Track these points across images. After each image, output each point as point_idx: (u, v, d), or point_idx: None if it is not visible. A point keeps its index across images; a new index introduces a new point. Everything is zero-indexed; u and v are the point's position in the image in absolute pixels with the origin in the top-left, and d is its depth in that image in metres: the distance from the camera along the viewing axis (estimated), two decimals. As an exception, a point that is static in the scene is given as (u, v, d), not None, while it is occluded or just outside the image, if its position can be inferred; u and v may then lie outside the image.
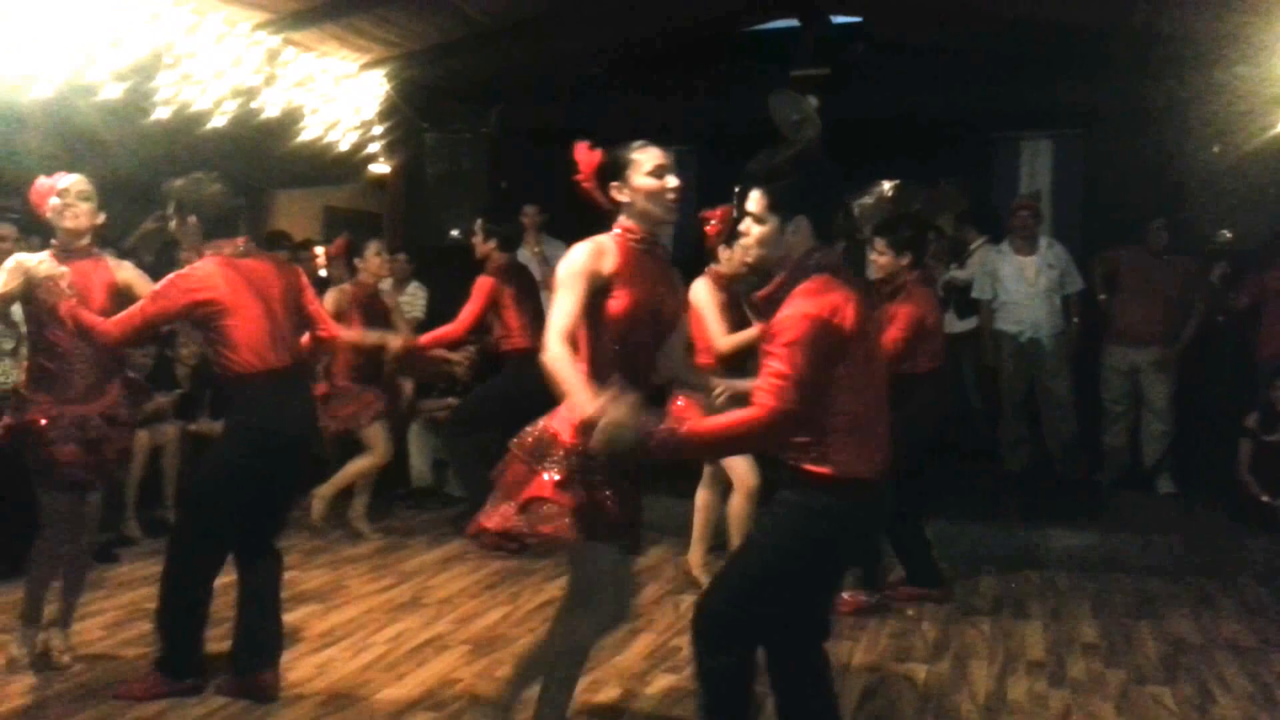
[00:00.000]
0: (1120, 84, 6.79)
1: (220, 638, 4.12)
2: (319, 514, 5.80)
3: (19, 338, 4.84)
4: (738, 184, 2.68)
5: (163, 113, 5.14)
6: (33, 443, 3.64)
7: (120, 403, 3.76)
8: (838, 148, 6.94)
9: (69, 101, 4.81)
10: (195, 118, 5.35)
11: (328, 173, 7.39)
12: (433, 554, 5.54)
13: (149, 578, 4.98)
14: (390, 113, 6.95)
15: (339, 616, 4.45)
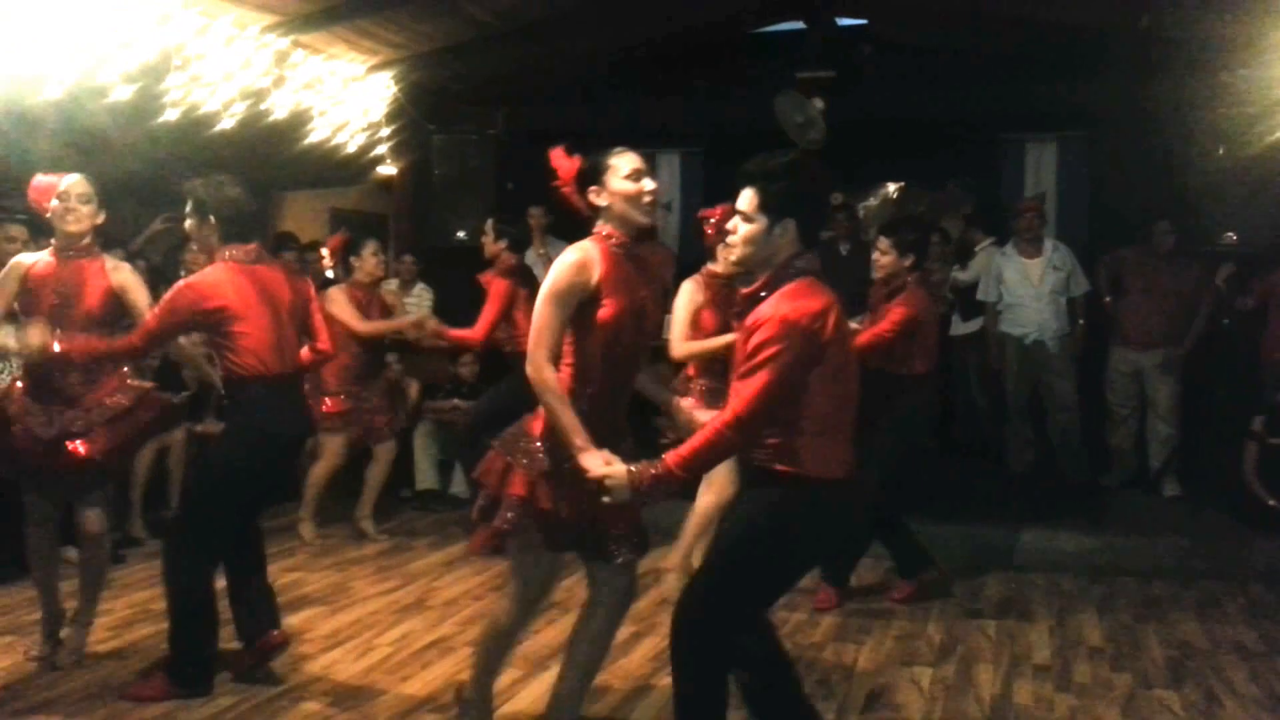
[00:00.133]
0: (1125, 86, 6.80)
1: (228, 637, 4.14)
2: (372, 530, 5.85)
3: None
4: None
5: (172, 114, 5.15)
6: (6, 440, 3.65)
7: (109, 401, 3.69)
8: (843, 149, 6.96)
9: (79, 103, 4.82)
10: (204, 119, 5.36)
11: (335, 174, 7.40)
12: (438, 556, 5.55)
13: (155, 578, 4.98)
14: (397, 115, 6.97)
15: (344, 618, 4.45)
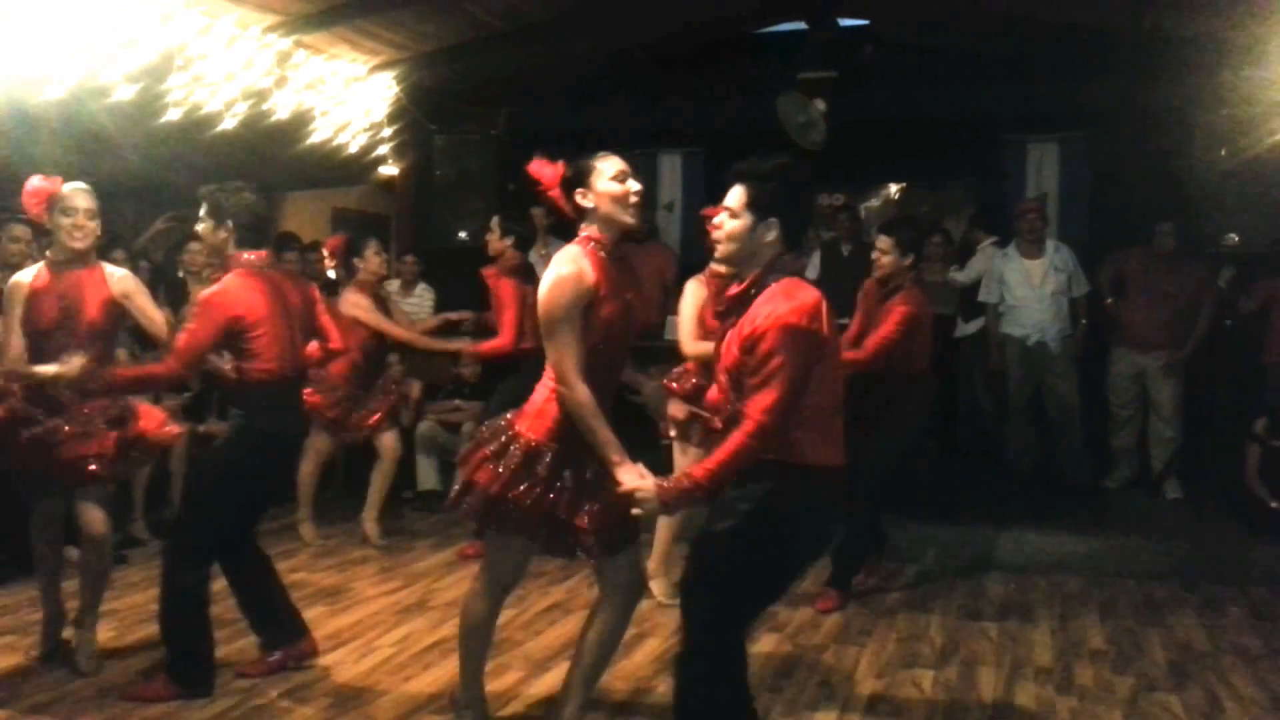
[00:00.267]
0: (1127, 87, 6.80)
1: (225, 640, 4.14)
2: (375, 535, 5.76)
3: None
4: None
5: (174, 114, 5.15)
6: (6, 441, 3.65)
7: (103, 414, 3.69)
8: (845, 150, 6.97)
9: (81, 103, 4.82)
10: (206, 120, 5.36)
11: (337, 175, 7.41)
12: (440, 556, 5.55)
13: (157, 578, 4.98)
14: (399, 115, 6.97)
15: (346, 619, 4.45)
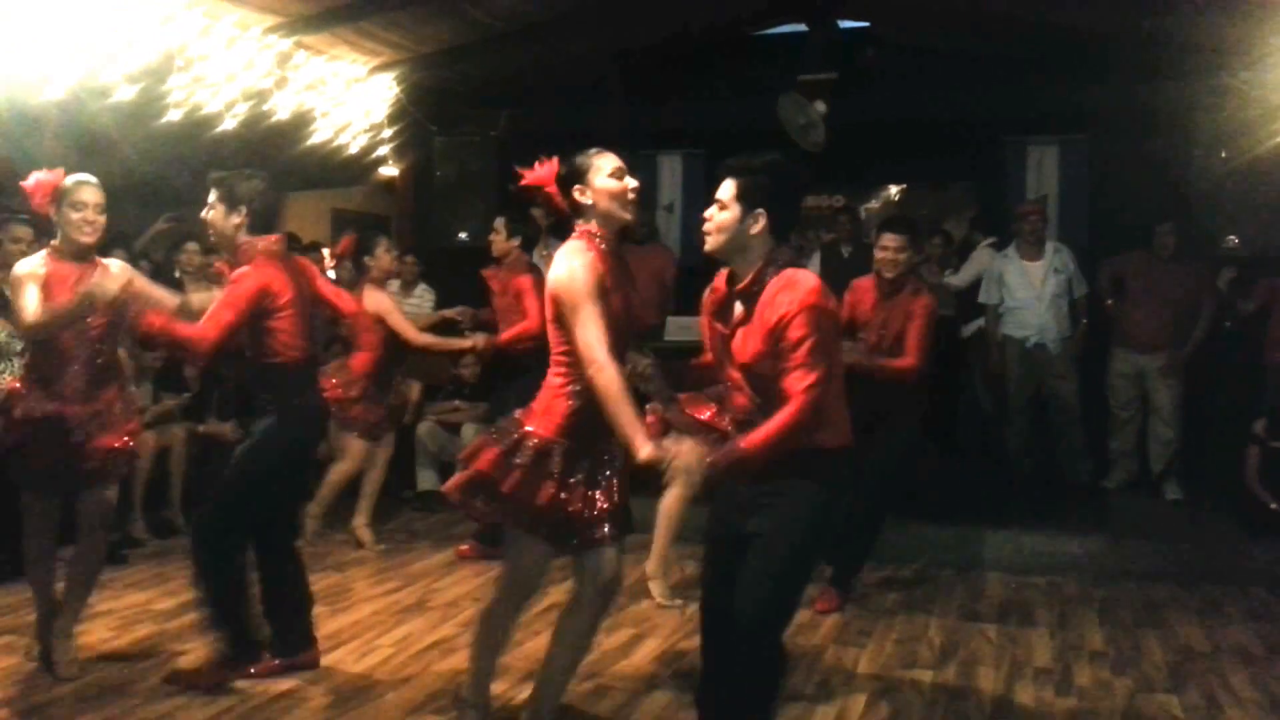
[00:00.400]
0: (1127, 89, 6.80)
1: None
2: (312, 531, 5.66)
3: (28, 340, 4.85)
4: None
5: (174, 115, 5.17)
6: (13, 440, 3.63)
7: (114, 408, 3.70)
8: (845, 151, 6.97)
9: (82, 103, 4.84)
10: (206, 120, 5.38)
11: (337, 175, 7.41)
12: (438, 557, 5.55)
13: (156, 579, 5.00)
14: (399, 116, 6.98)
15: (345, 619, 4.45)
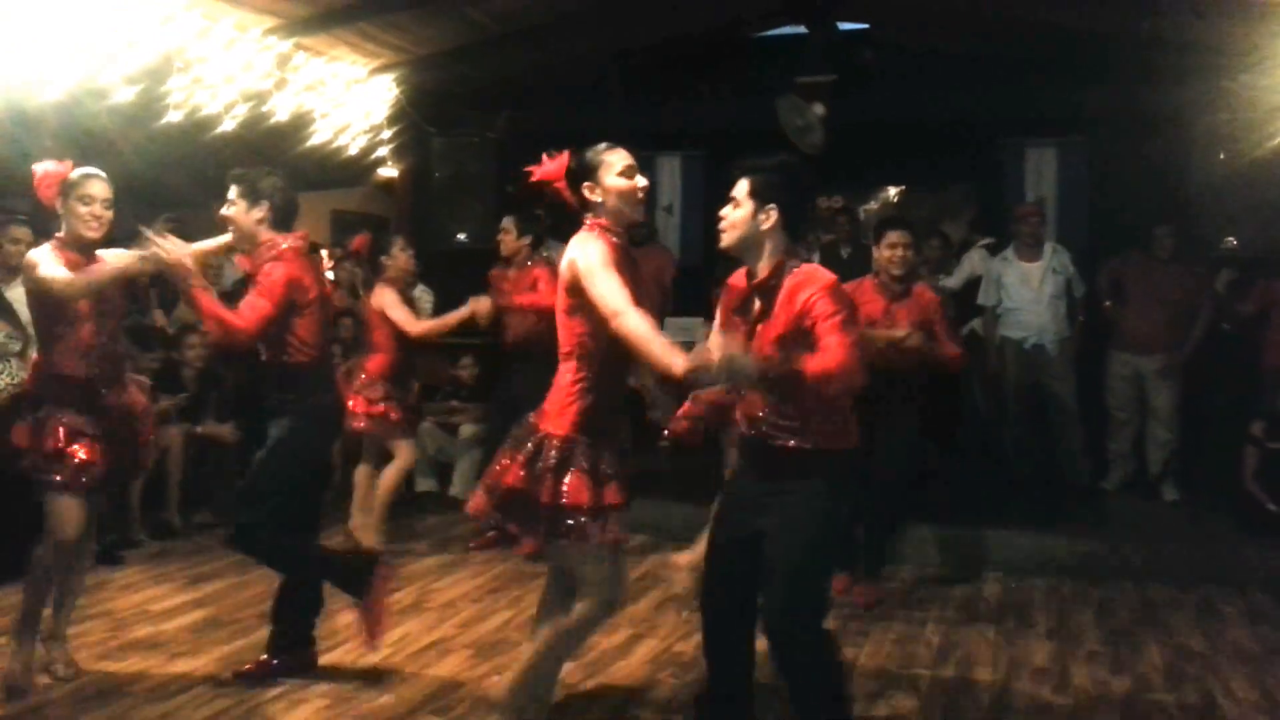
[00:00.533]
0: (1125, 91, 6.81)
1: (223, 640, 4.14)
2: (385, 547, 5.38)
3: (26, 339, 4.85)
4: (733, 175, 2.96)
5: (174, 116, 5.17)
6: (50, 445, 3.49)
7: (138, 398, 3.71)
8: (844, 153, 6.98)
9: (81, 104, 4.84)
10: (206, 121, 5.38)
11: (336, 176, 7.42)
12: (435, 558, 5.55)
13: (154, 579, 5.01)
14: (399, 117, 6.99)
15: (342, 620, 4.42)
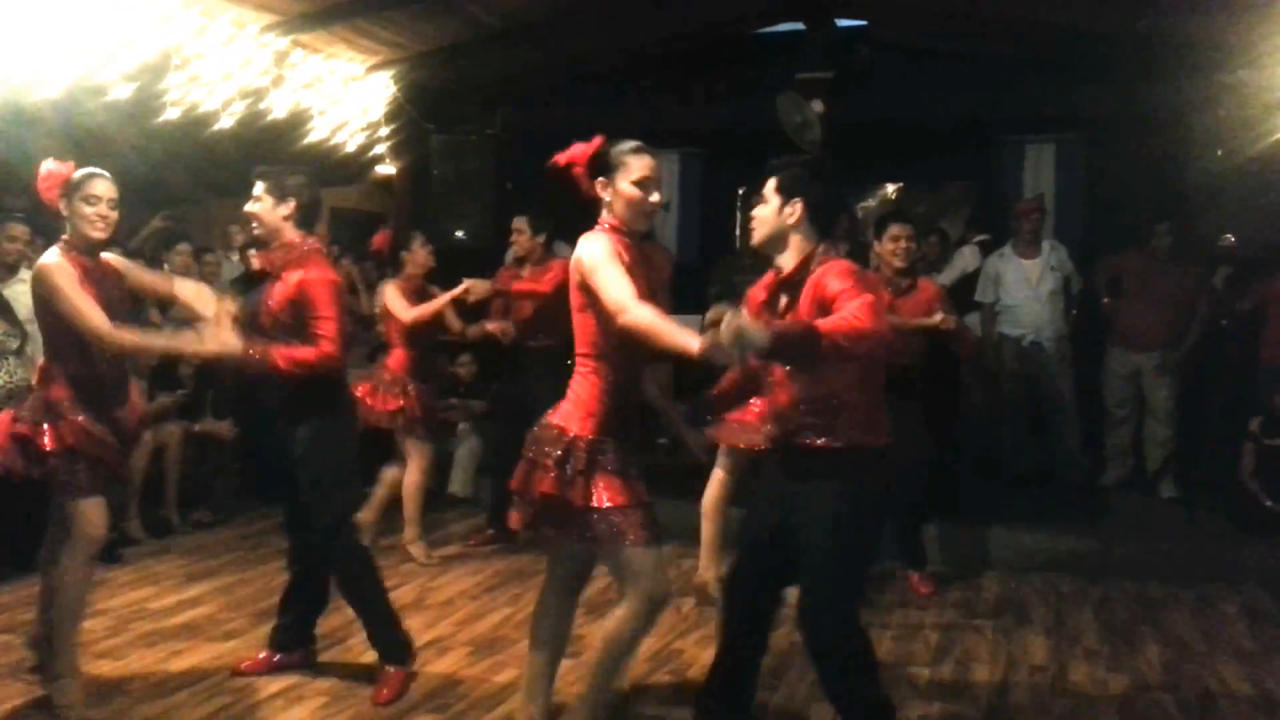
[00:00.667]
0: (1123, 88, 6.81)
1: (221, 638, 4.13)
2: (422, 555, 5.42)
3: (23, 336, 4.85)
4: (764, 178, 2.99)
5: (171, 113, 5.16)
6: (79, 451, 3.35)
7: (134, 399, 3.68)
8: (843, 150, 6.97)
9: (78, 102, 4.83)
10: (203, 119, 5.37)
11: (334, 174, 7.40)
12: (434, 556, 5.54)
13: (152, 577, 5.00)
14: (397, 114, 6.97)
15: (340, 618, 4.42)
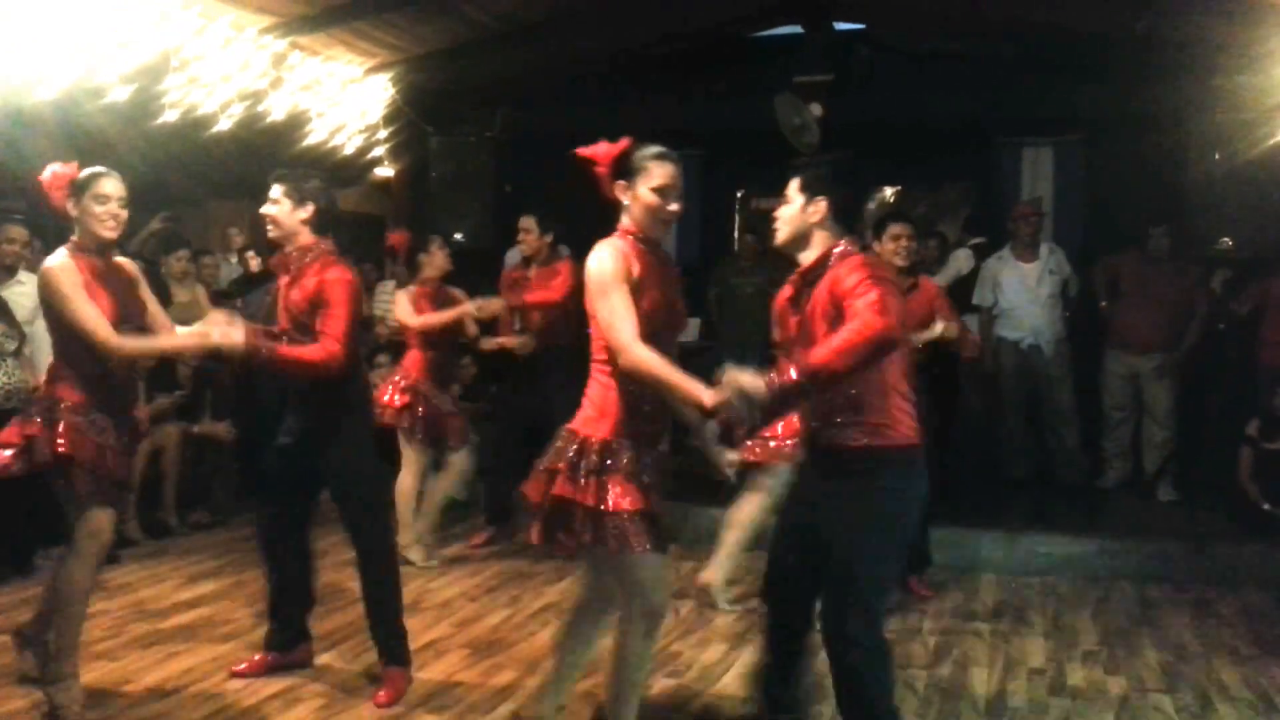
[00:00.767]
0: (1122, 91, 6.82)
1: (220, 639, 4.13)
2: (425, 557, 5.39)
3: (21, 338, 4.85)
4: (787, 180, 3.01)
5: (170, 115, 5.16)
6: (83, 454, 3.28)
7: (141, 403, 3.70)
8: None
9: (77, 104, 4.83)
10: (202, 121, 5.37)
11: (332, 176, 7.38)
12: (435, 559, 5.54)
13: (150, 579, 5.00)
14: (395, 116, 6.97)
15: (339, 619, 4.44)
